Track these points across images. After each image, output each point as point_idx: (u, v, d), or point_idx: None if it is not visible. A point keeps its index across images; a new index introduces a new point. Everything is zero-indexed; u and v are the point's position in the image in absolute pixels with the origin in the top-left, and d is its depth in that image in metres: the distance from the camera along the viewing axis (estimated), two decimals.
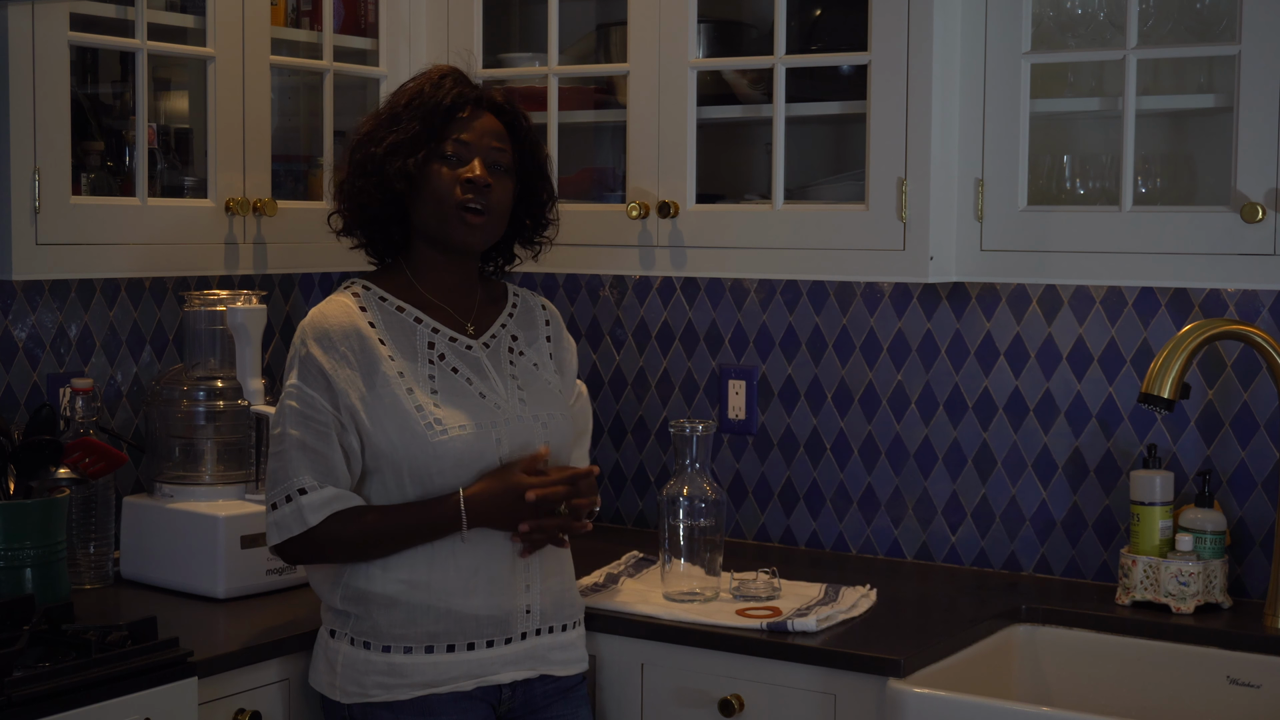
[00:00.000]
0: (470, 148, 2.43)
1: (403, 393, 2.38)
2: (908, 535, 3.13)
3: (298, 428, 2.36)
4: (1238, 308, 2.79)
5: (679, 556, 2.74)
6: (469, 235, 2.44)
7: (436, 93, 2.43)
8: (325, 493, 2.35)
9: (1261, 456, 2.80)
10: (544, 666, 2.47)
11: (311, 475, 2.35)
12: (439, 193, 2.42)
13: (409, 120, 2.42)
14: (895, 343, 3.12)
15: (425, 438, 2.36)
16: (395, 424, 2.36)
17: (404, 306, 2.46)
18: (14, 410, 2.88)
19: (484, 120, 2.45)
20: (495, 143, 2.45)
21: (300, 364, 2.39)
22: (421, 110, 2.42)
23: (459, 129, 2.43)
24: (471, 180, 2.41)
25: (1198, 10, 2.68)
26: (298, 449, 2.35)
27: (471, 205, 2.41)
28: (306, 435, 2.36)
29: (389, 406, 2.37)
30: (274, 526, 2.37)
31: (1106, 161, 2.80)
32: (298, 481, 2.35)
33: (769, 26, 2.91)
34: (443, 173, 2.42)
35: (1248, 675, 2.57)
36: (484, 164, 2.43)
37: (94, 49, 2.81)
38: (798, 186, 3.02)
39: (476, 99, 2.46)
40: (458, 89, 2.45)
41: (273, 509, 2.37)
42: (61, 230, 2.58)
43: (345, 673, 2.40)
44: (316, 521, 2.34)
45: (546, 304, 2.64)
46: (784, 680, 2.53)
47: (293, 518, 2.35)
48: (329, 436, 2.36)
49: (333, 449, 2.36)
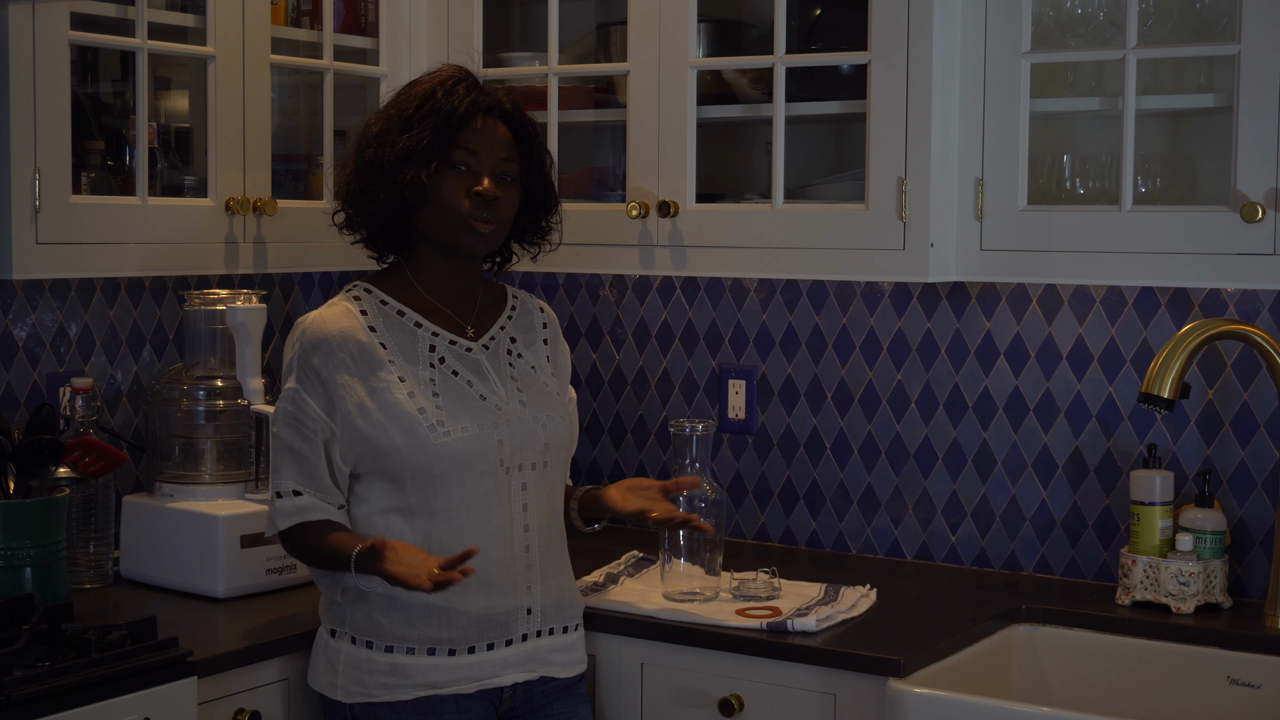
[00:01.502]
0: (480, 158, 2.43)
1: (404, 396, 2.38)
2: (908, 535, 3.13)
3: (288, 432, 2.40)
4: (1238, 307, 2.79)
5: (679, 556, 2.74)
6: (476, 243, 2.45)
7: (450, 100, 2.42)
8: (301, 501, 2.39)
9: (1261, 456, 2.80)
10: (544, 668, 2.47)
11: (294, 480, 2.39)
12: (448, 203, 2.42)
13: (421, 128, 2.41)
14: (895, 342, 3.12)
15: (428, 440, 2.36)
16: (398, 427, 2.37)
17: (405, 310, 2.46)
18: (14, 409, 2.88)
19: (495, 130, 2.45)
20: (504, 153, 2.45)
21: (299, 368, 2.41)
22: (434, 118, 2.41)
23: (470, 139, 2.43)
24: (480, 194, 2.41)
25: (1197, 10, 2.68)
26: (286, 452, 2.40)
27: (480, 217, 2.42)
28: (294, 440, 2.39)
29: (391, 410, 2.37)
30: (268, 520, 2.45)
31: (1106, 161, 2.80)
32: (280, 484, 2.40)
33: (769, 26, 2.91)
34: (452, 181, 2.42)
35: (1248, 675, 2.57)
36: (492, 176, 2.43)
37: (94, 48, 2.81)
38: (798, 186, 3.02)
39: (489, 107, 2.46)
40: (470, 97, 2.44)
41: (269, 502, 2.44)
42: (62, 229, 2.58)
43: (347, 672, 2.40)
44: (285, 527, 2.40)
45: (544, 307, 2.64)
46: (784, 680, 2.53)
47: (276, 516, 2.41)
48: (315, 444, 2.39)
49: (318, 455, 2.39)
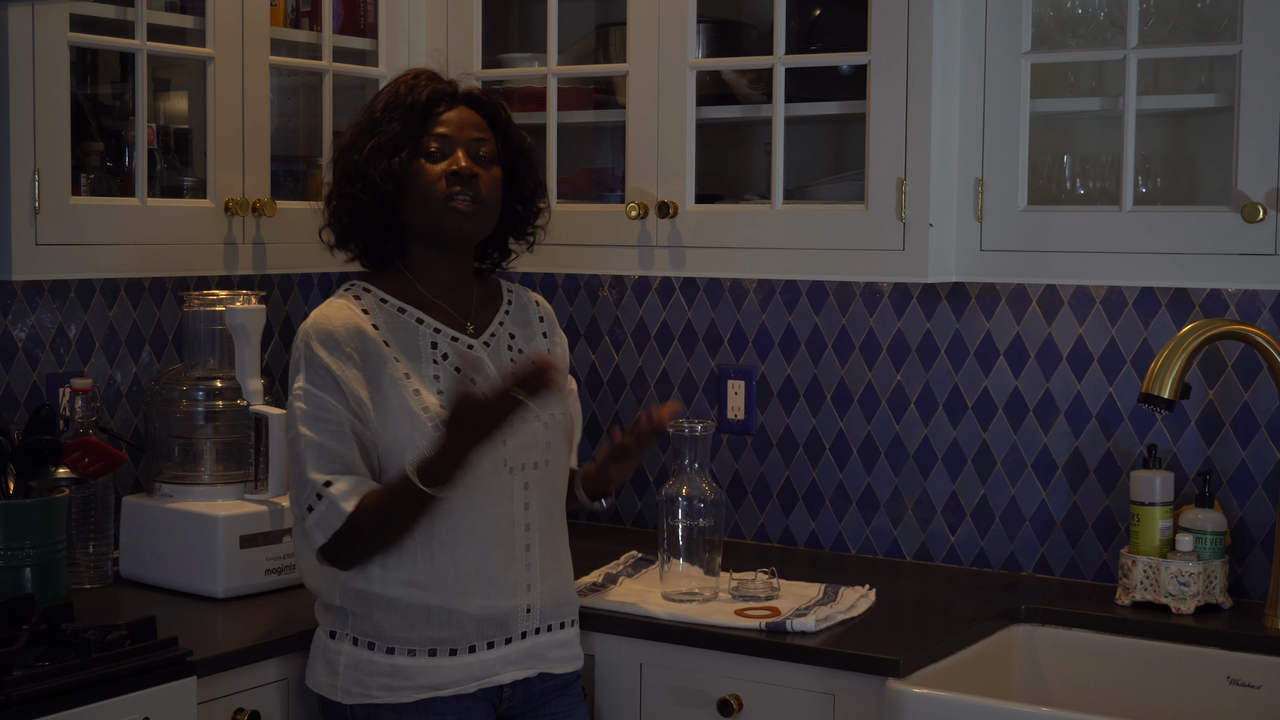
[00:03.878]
0: (451, 140, 2.43)
1: (409, 394, 2.37)
2: (907, 535, 3.13)
3: (311, 429, 2.34)
4: (1238, 308, 2.79)
5: (678, 556, 2.74)
6: (461, 224, 2.43)
7: (412, 92, 2.44)
8: (350, 480, 2.32)
9: (1262, 457, 2.80)
10: (543, 665, 2.47)
11: (329, 472, 2.32)
12: (425, 188, 2.41)
13: (388, 123, 2.43)
14: (895, 343, 3.12)
15: (433, 437, 2.35)
16: (403, 424, 2.36)
17: (405, 308, 2.46)
18: (14, 410, 2.88)
19: (462, 113, 2.46)
20: (476, 133, 2.45)
21: (306, 366, 2.37)
22: (399, 110, 2.43)
23: (438, 124, 2.44)
24: (457, 172, 2.41)
25: (1198, 10, 2.68)
26: (313, 449, 2.33)
27: (459, 196, 2.41)
28: (320, 435, 2.34)
29: (396, 408, 2.36)
30: (316, 528, 2.33)
31: (1107, 161, 2.80)
32: (320, 479, 2.32)
33: (768, 26, 2.91)
34: (427, 168, 2.42)
35: (1248, 676, 2.57)
36: (468, 155, 2.43)
37: (94, 49, 2.81)
38: (797, 186, 3.02)
39: (452, 94, 2.47)
40: (433, 85, 2.46)
41: (309, 512, 2.33)
42: (61, 230, 2.59)
43: (348, 673, 2.40)
44: (353, 508, 2.30)
45: (540, 300, 2.64)
46: (783, 680, 2.53)
47: (330, 512, 2.31)
48: (344, 434, 2.34)
49: (349, 446, 2.34)
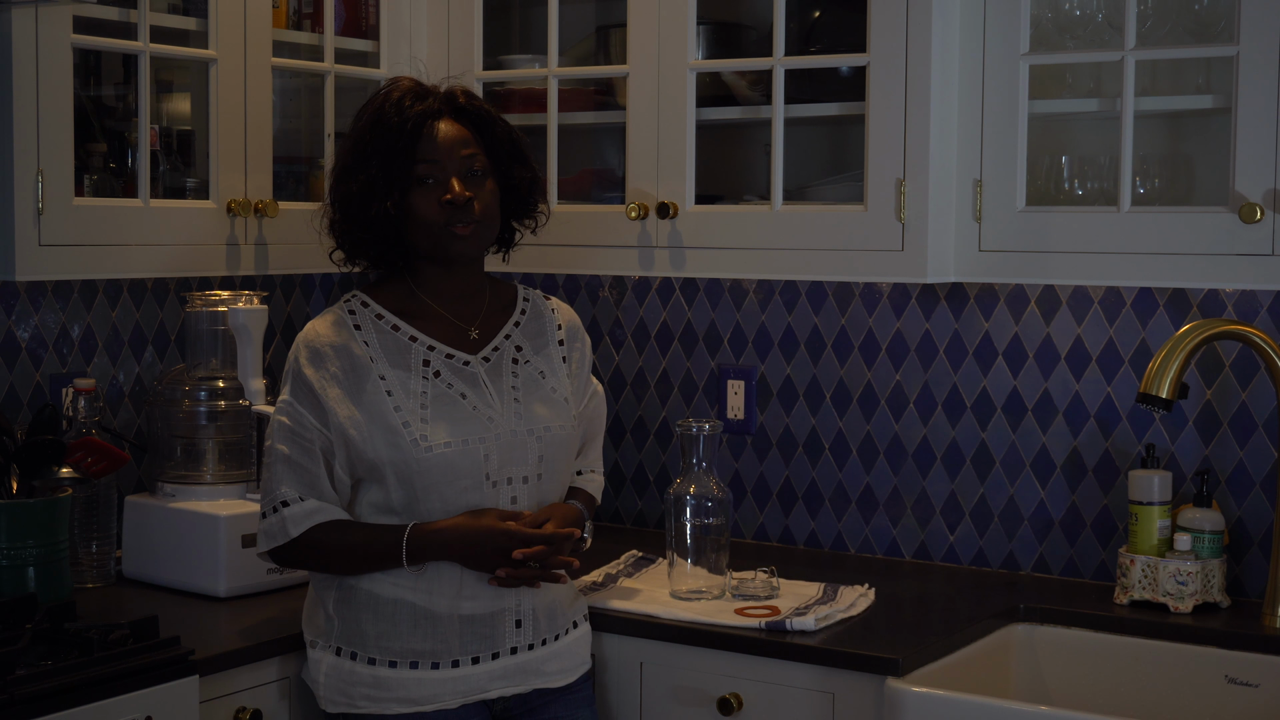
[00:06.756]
0: (442, 166, 2.43)
1: (389, 409, 2.39)
2: (906, 535, 3.14)
3: (285, 443, 2.40)
4: (1236, 308, 2.80)
5: (685, 556, 2.74)
6: (464, 248, 2.46)
7: (396, 117, 2.41)
8: (308, 505, 2.39)
9: (1260, 456, 2.80)
10: (538, 680, 2.47)
11: (295, 489, 2.39)
12: (424, 219, 2.43)
13: (374, 155, 2.41)
14: (894, 343, 3.13)
15: (410, 452, 2.38)
16: (383, 439, 2.38)
17: (399, 325, 2.47)
18: (17, 410, 2.89)
19: (448, 131, 2.44)
20: (464, 150, 2.44)
21: (293, 380, 2.43)
22: (385, 141, 2.41)
23: (427, 149, 2.42)
24: (452, 200, 2.41)
25: (1196, 11, 2.68)
26: (284, 463, 2.40)
27: (458, 222, 2.43)
28: (293, 451, 2.40)
29: (377, 422, 2.39)
30: (262, 535, 2.43)
31: (1105, 162, 2.81)
32: (282, 494, 2.40)
33: (768, 28, 2.92)
34: (422, 202, 2.42)
35: (1246, 674, 2.58)
36: (460, 178, 2.43)
37: (96, 51, 2.82)
38: (796, 187, 3.02)
39: (436, 112, 2.44)
40: (417, 108, 2.42)
41: (263, 518, 2.43)
42: (64, 231, 2.59)
43: (329, 683, 2.43)
44: (298, 533, 2.39)
45: (558, 307, 2.63)
46: (783, 679, 2.53)
47: (277, 528, 2.40)
48: (314, 453, 2.40)
49: (318, 464, 2.40)
